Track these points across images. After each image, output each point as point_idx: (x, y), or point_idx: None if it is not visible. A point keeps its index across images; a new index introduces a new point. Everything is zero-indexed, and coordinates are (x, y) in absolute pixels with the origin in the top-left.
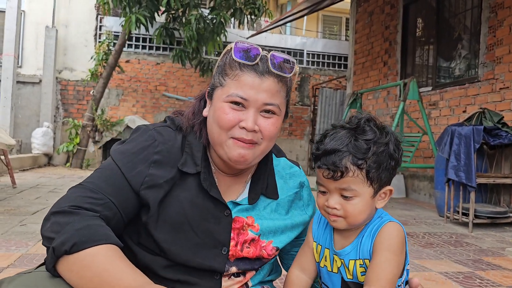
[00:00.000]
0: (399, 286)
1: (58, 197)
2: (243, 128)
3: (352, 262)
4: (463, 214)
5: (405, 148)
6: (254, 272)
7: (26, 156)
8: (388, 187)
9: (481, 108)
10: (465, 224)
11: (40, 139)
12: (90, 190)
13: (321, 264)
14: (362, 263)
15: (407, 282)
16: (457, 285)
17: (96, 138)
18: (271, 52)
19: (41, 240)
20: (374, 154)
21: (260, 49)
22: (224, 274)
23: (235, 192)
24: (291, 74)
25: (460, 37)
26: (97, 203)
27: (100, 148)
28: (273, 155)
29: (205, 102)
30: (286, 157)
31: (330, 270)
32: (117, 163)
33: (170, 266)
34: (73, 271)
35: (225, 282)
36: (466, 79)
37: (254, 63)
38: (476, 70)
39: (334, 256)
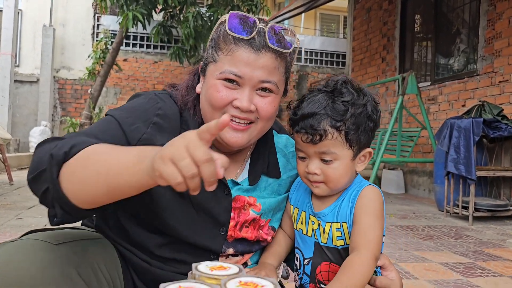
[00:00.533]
0: None
1: None
2: (237, 107)
3: (328, 225)
4: (463, 207)
5: (404, 143)
6: (252, 253)
7: (23, 154)
8: (368, 149)
9: (480, 101)
10: (465, 218)
11: (38, 138)
12: (84, 134)
13: (297, 228)
14: (339, 227)
15: None
16: (458, 275)
17: None
18: (269, 24)
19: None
20: (352, 115)
21: (258, 21)
22: (221, 255)
23: (233, 171)
24: (291, 50)
25: (459, 31)
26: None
27: None
28: (275, 132)
29: (199, 77)
30: (288, 134)
31: (305, 233)
32: (115, 117)
33: (166, 244)
34: (77, 167)
35: (222, 261)
36: (465, 73)
37: (250, 37)
38: (475, 64)
39: (311, 217)
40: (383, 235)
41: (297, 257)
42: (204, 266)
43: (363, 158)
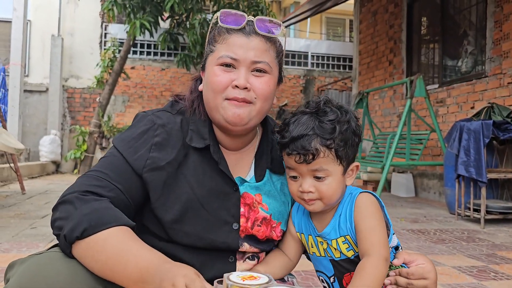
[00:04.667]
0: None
1: None
2: (236, 87)
3: (334, 242)
4: (475, 210)
5: (413, 146)
6: (263, 252)
7: (34, 164)
8: (355, 163)
9: (489, 103)
10: (477, 221)
11: (48, 146)
12: (95, 178)
13: (310, 252)
14: (344, 240)
15: (396, 248)
16: (472, 279)
17: (103, 145)
18: (256, 17)
19: (52, 241)
20: (340, 132)
21: (246, 15)
22: (238, 256)
23: (242, 171)
24: (278, 34)
25: (466, 33)
26: (102, 188)
27: None
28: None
29: (201, 81)
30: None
31: (319, 255)
32: (119, 150)
33: (183, 251)
34: (87, 256)
35: (240, 265)
36: (473, 75)
37: (241, 26)
38: (483, 65)
39: (318, 238)
40: (393, 233)
41: (322, 279)
42: (235, 276)
43: (351, 172)
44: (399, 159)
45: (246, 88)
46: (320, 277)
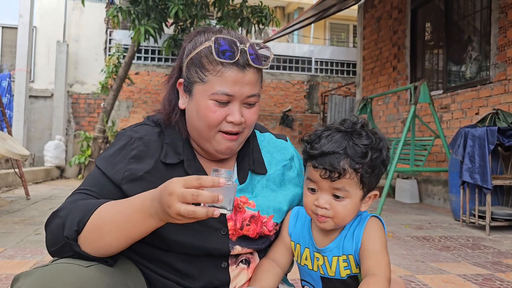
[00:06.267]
0: None
1: None
2: (231, 122)
3: (335, 259)
4: (480, 217)
5: (418, 152)
6: (258, 254)
7: (38, 169)
8: (374, 192)
9: (494, 109)
10: (482, 227)
11: (53, 152)
12: (80, 194)
13: (301, 263)
14: (345, 259)
15: None
16: (477, 287)
17: None
18: (248, 44)
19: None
20: (370, 159)
21: (238, 42)
22: (231, 261)
23: None
24: (268, 66)
25: (470, 39)
26: (83, 198)
27: None
28: (257, 132)
29: (178, 92)
30: (271, 132)
31: (311, 268)
32: (99, 167)
33: (179, 258)
34: (95, 238)
35: (232, 271)
36: (478, 81)
37: (235, 60)
38: (488, 71)
39: (315, 254)
40: None
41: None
42: None
43: (368, 199)
44: (404, 165)
45: (241, 123)
46: (306, 286)
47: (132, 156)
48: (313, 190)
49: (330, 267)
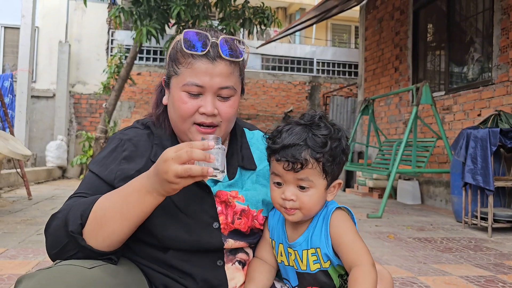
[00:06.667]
0: None
1: None
2: (203, 113)
3: (305, 252)
4: (482, 218)
5: (420, 153)
6: (248, 245)
7: (40, 169)
8: (338, 181)
9: (496, 111)
10: (484, 229)
11: (54, 152)
12: (77, 198)
13: (279, 260)
14: (314, 252)
15: None
16: None
17: None
18: (221, 36)
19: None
20: (330, 148)
21: (209, 36)
22: (227, 259)
23: None
24: (241, 59)
25: (472, 40)
26: (78, 199)
27: None
28: (246, 130)
29: (163, 92)
30: (260, 130)
31: (287, 264)
32: (93, 171)
33: (175, 257)
34: (99, 228)
35: (228, 269)
36: (480, 82)
37: (204, 52)
38: (490, 72)
39: (288, 249)
40: None
41: (288, 286)
42: None
43: (333, 188)
44: (405, 166)
45: (213, 114)
46: (286, 285)
47: (123, 157)
48: (278, 184)
49: (301, 261)
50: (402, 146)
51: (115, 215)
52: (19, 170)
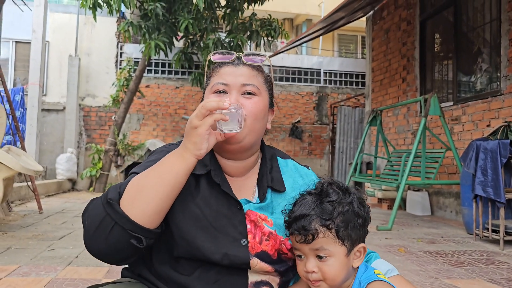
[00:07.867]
0: None
1: None
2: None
3: None
4: (493, 231)
5: (429, 164)
6: (279, 278)
7: (51, 181)
8: (361, 245)
9: (505, 122)
10: (496, 242)
11: (64, 164)
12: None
13: None
14: None
15: None
16: None
17: (118, 162)
18: (244, 53)
19: (70, 264)
20: (340, 213)
21: (234, 52)
22: (250, 284)
23: (246, 194)
24: (263, 63)
25: (480, 51)
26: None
27: (122, 172)
28: (279, 158)
29: None
30: (294, 160)
31: None
32: (134, 171)
33: (197, 279)
34: (135, 196)
35: None
36: (489, 93)
37: (230, 60)
38: (498, 83)
39: None
40: None
41: None
42: None
43: (358, 253)
44: (415, 177)
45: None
46: None
47: None
48: (300, 256)
49: None
50: (411, 157)
51: (150, 181)
52: (30, 183)
